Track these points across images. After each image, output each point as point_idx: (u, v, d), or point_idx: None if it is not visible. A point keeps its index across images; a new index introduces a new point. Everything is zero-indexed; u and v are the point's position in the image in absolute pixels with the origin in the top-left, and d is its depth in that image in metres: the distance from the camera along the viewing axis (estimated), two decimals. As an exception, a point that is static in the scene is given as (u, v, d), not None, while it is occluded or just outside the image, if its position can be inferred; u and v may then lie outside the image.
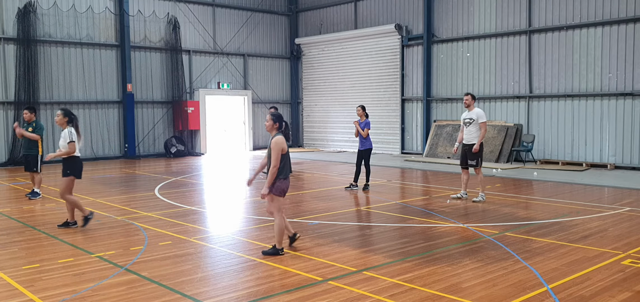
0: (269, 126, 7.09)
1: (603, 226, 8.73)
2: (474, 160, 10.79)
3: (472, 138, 10.82)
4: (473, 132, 10.81)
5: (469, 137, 10.87)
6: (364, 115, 12.62)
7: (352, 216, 9.99)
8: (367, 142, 12.57)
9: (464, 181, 11.16)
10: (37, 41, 18.97)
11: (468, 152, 10.90)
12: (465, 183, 11.14)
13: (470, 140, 10.85)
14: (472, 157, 10.83)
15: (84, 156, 20.08)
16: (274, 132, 7.04)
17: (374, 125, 22.97)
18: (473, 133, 10.81)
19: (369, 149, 12.63)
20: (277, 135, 6.97)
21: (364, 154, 12.62)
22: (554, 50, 17.84)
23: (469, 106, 10.94)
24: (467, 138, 10.92)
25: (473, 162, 10.82)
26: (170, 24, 22.14)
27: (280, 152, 6.89)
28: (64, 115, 8.61)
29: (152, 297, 5.54)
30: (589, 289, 5.65)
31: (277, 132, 7.03)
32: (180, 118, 22.27)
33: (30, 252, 7.39)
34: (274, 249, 7.03)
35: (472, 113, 10.87)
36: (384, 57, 22.72)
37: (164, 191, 12.77)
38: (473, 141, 10.80)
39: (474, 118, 10.81)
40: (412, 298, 5.44)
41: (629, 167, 16.28)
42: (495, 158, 18.23)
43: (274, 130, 7.05)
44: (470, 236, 8.08)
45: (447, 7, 20.56)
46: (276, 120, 7.07)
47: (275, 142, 6.89)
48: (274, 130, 7.05)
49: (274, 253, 6.98)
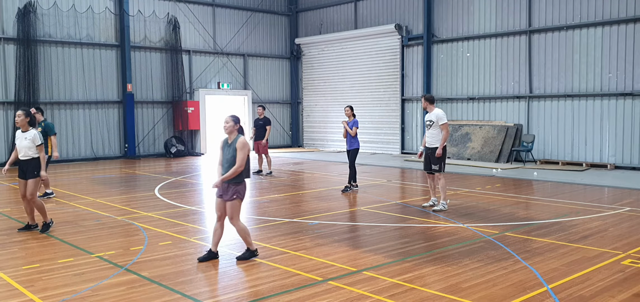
0: (229, 128, 6.74)
1: (603, 226, 8.72)
2: (437, 165, 10.09)
3: (433, 141, 10.14)
4: (435, 135, 10.09)
5: (431, 141, 10.14)
6: (352, 115, 12.50)
7: (352, 216, 9.99)
8: (355, 142, 12.48)
9: (431, 187, 10.54)
10: (37, 41, 18.97)
11: (431, 156, 10.15)
12: (433, 189, 10.51)
13: (432, 143, 10.12)
14: (434, 162, 10.11)
15: (85, 156, 20.19)
16: (235, 134, 6.76)
17: (374, 125, 23.08)
18: (435, 136, 10.09)
19: (356, 149, 12.50)
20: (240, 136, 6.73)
21: (352, 154, 12.54)
22: (554, 50, 17.84)
23: (426, 108, 10.29)
24: (429, 141, 10.19)
25: (436, 166, 10.11)
26: (170, 24, 22.14)
27: (247, 152, 6.68)
28: (25, 115, 8.31)
29: (152, 297, 5.54)
30: (589, 289, 5.65)
31: (238, 134, 6.77)
32: (180, 118, 22.27)
33: (30, 252, 7.39)
34: (249, 252, 6.88)
35: (431, 115, 10.15)
36: (384, 57, 22.72)
37: (164, 191, 12.77)
38: (435, 144, 10.08)
39: (433, 120, 10.09)
40: (412, 298, 5.44)
41: (629, 167, 16.28)
42: (495, 158, 18.23)
43: (235, 133, 6.77)
44: (470, 236, 8.08)
45: (447, 7, 20.56)
46: (237, 122, 6.80)
47: (244, 142, 6.66)
48: (235, 132, 6.77)
49: (250, 256, 6.85)
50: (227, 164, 6.68)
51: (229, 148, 6.72)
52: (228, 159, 6.68)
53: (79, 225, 9.01)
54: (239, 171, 6.59)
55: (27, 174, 8.30)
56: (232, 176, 6.59)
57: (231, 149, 6.68)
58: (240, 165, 6.57)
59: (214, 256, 6.85)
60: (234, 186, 6.66)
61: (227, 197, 6.69)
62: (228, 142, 6.76)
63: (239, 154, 6.59)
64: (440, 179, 10.16)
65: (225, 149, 6.76)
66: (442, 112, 10.14)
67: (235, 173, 6.58)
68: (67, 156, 19.89)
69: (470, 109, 20.15)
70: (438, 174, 10.18)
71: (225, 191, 6.71)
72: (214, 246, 6.89)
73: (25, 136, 8.29)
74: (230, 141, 6.74)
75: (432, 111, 10.19)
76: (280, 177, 15.37)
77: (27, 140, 8.25)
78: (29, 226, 8.57)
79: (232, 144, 6.69)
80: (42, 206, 8.42)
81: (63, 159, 19.67)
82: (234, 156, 6.62)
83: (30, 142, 8.25)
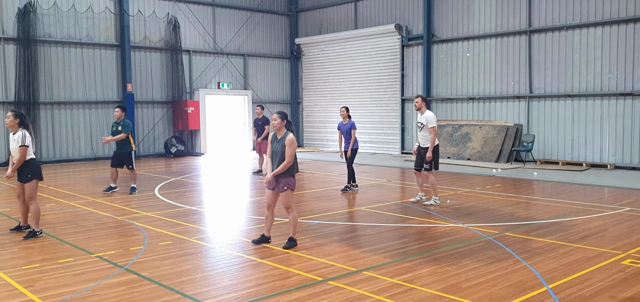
0: (277, 125, 7.29)
1: (603, 226, 8.73)
2: (428, 165, 10.58)
3: (425, 142, 10.57)
4: (426, 137, 10.53)
5: (423, 141, 10.61)
6: (348, 117, 12.42)
7: (352, 216, 9.99)
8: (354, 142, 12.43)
9: (418, 183, 11.05)
10: (37, 41, 18.96)
11: (424, 156, 10.63)
12: (420, 185, 11.01)
13: (425, 144, 10.59)
14: (426, 162, 10.58)
15: (85, 156, 20.19)
16: (283, 130, 7.30)
17: (374, 125, 23.08)
18: (426, 137, 10.53)
19: (355, 149, 12.43)
20: (289, 134, 7.25)
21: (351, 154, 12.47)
22: (554, 50, 17.84)
23: (420, 109, 10.65)
24: (422, 142, 10.66)
25: (427, 166, 10.57)
26: (170, 24, 22.14)
27: (295, 148, 7.24)
28: (15, 116, 8.02)
29: (152, 297, 5.54)
30: (589, 289, 5.65)
31: (287, 131, 7.30)
32: (180, 118, 22.27)
33: (30, 252, 7.38)
34: (291, 241, 7.39)
35: (422, 117, 10.56)
36: (383, 57, 22.72)
37: (164, 190, 12.77)
38: (427, 145, 10.55)
39: (424, 123, 10.50)
40: (412, 298, 5.44)
41: (629, 167, 16.28)
42: (495, 158, 18.23)
43: (283, 129, 7.31)
44: (470, 236, 8.08)
45: (447, 7, 20.55)
46: (284, 118, 7.33)
47: (292, 139, 7.19)
48: (283, 128, 7.31)
49: (293, 245, 7.35)
50: (277, 158, 7.24)
51: (278, 143, 7.28)
52: (277, 153, 7.24)
53: (79, 225, 9.01)
54: (288, 165, 7.17)
55: (22, 177, 8.09)
56: (282, 171, 7.17)
57: (280, 145, 7.23)
58: (289, 160, 7.16)
59: (267, 240, 7.57)
60: (285, 178, 7.24)
61: (279, 188, 7.30)
62: (277, 137, 7.31)
63: (287, 151, 7.16)
64: (429, 177, 10.64)
65: (275, 143, 7.33)
66: (432, 116, 10.54)
67: (285, 168, 7.17)
68: (67, 155, 19.89)
69: (470, 109, 20.15)
70: (428, 171, 10.64)
71: (276, 183, 7.31)
72: (267, 231, 7.61)
73: (14, 138, 8.02)
74: (279, 136, 7.29)
75: (423, 113, 10.60)
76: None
77: (15, 142, 7.98)
78: (20, 227, 8.45)
79: (282, 139, 7.25)
80: (38, 213, 8.11)
81: (63, 159, 19.68)
82: (282, 152, 7.18)
83: (15, 144, 7.95)
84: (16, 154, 7.98)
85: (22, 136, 7.96)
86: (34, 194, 8.12)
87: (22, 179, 8.12)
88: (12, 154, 8.10)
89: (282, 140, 7.21)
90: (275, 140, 7.32)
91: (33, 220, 8.13)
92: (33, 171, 8.10)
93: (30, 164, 8.08)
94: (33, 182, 8.09)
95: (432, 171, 10.62)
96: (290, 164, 7.18)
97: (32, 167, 8.09)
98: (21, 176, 8.11)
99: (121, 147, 12.23)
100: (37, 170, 8.19)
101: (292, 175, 7.29)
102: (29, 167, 8.07)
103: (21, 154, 7.94)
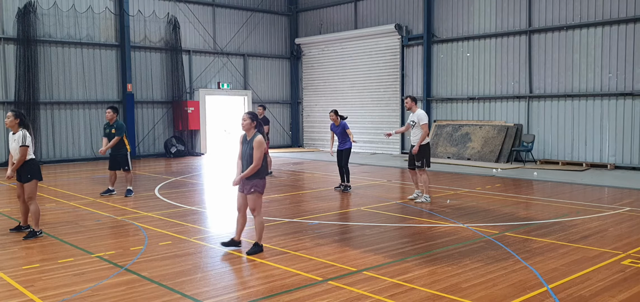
0: (246, 125, 7.04)
1: (603, 226, 8.73)
2: (419, 161, 10.83)
3: (416, 140, 10.87)
4: (417, 134, 10.83)
5: (415, 139, 10.91)
6: (338, 119, 12.39)
7: (353, 216, 9.99)
8: (347, 141, 12.46)
9: (414, 181, 11.38)
10: (37, 41, 18.96)
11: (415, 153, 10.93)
12: (416, 183, 11.31)
13: (416, 142, 10.89)
14: (417, 159, 10.86)
15: (85, 156, 20.19)
16: (253, 131, 7.04)
17: (374, 125, 23.07)
18: (417, 135, 10.84)
19: (348, 148, 12.42)
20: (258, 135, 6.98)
21: (345, 153, 12.44)
22: (554, 50, 17.84)
23: (410, 108, 11.02)
24: (413, 140, 10.97)
25: (418, 163, 10.85)
26: (170, 24, 22.14)
27: (263, 151, 6.98)
28: (15, 116, 7.98)
29: (152, 297, 5.54)
30: (589, 289, 5.65)
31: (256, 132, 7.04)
32: (180, 118, 22.27)
33: (30, 252, 7.38)
34: (256, 246, 7.14)
35: (414, 116, 10.88)
36: (384, 57, 22.72)
37: (164, 190, 12.77)
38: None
39: (416, 121, 10.82)
40: (412, 298, 5.44)
41: (629, 167, 16.28)
42: (495, 158, 18.23)
43: (252, 130, 7.05)
44: (470, 236, 8.08)
45: (447, 7, 20.55)
46: (254, 119, 7.07)
47: (260, 140, 6.93)
48: (252, 129, 7.05)
49: (258, 251, 7.09)
50: (246, 160, 7.01)
51: (247, 145, 7.04)
52: (246, 155, 7.01)
53: (79, 225, 9.01)
54: (255, 169, 6.92)
55: (22, 177, 8.07)
56: (249, 174, 6.94)
57: (249, 147, 7.00)
58: (256, 164, 6.91)
59: (236, 244, 7.36)
60: (253, 180, 7.00)
61: (246, 191, 7.06)
62: (247, 138, 7.07)
63: (255, 153, 6.92)
64: (422, 174, 10.88)
65: (244, 144, 7.10)
66: (423, 113, 10.90)
67: (252, 171, 6.93)
68: (67, 156, 19.89)
69: (470, 109, 20.15)
70: (420, 169, 10.87)
71: (244, 185, 7.07)
72: (237, 235, 7.40)
73: (14, 138, 8.00)
74: (249, 137, 7.05)
75: (415, 112, 10.92)
76: (281, 177, 15.37)
77: (15, 142, 7.96)
78: (20, 227, 8.44)
79: (250, 141, 7.00)
80: (37, 213, 8.08)
81: (63, 159, 19.68)
82: (251, 153, 6.94)
83: (15, 144, 7.94)
84: (16, 154, 7.97)
85: (23, 136, 7.95)
86: (33, 194, 8.10)
87: (21, 179, 8.11)
88: (12, 154, 8.08)
89: (250, 142, 6.96)
90: (244, 142, 7.07)
91: (33, 220, 8.12)
92: (33, 171, 8.09)
93: (30, 164, 8.06)
94: (33, 182, 8.08)
95: (424, 168, 10.85)
96: (258, 167, 6.91)
97: (31, 168, 8.08)
98: (21, 176, 8.10)
99: (116, 149, 12.03)
100: (37, 170, 8.17)
101: (260, 177, 7.04)
102: (29, 168, 8.05)
103: (21, 154, 7.94)
